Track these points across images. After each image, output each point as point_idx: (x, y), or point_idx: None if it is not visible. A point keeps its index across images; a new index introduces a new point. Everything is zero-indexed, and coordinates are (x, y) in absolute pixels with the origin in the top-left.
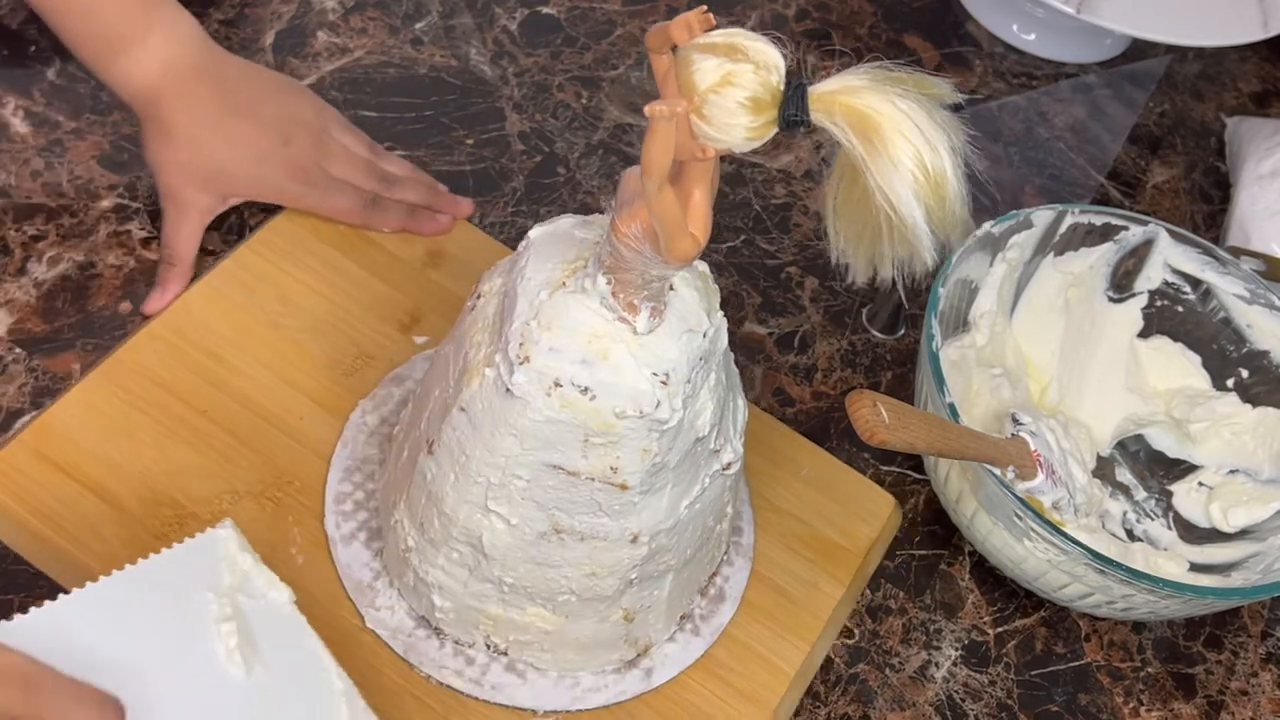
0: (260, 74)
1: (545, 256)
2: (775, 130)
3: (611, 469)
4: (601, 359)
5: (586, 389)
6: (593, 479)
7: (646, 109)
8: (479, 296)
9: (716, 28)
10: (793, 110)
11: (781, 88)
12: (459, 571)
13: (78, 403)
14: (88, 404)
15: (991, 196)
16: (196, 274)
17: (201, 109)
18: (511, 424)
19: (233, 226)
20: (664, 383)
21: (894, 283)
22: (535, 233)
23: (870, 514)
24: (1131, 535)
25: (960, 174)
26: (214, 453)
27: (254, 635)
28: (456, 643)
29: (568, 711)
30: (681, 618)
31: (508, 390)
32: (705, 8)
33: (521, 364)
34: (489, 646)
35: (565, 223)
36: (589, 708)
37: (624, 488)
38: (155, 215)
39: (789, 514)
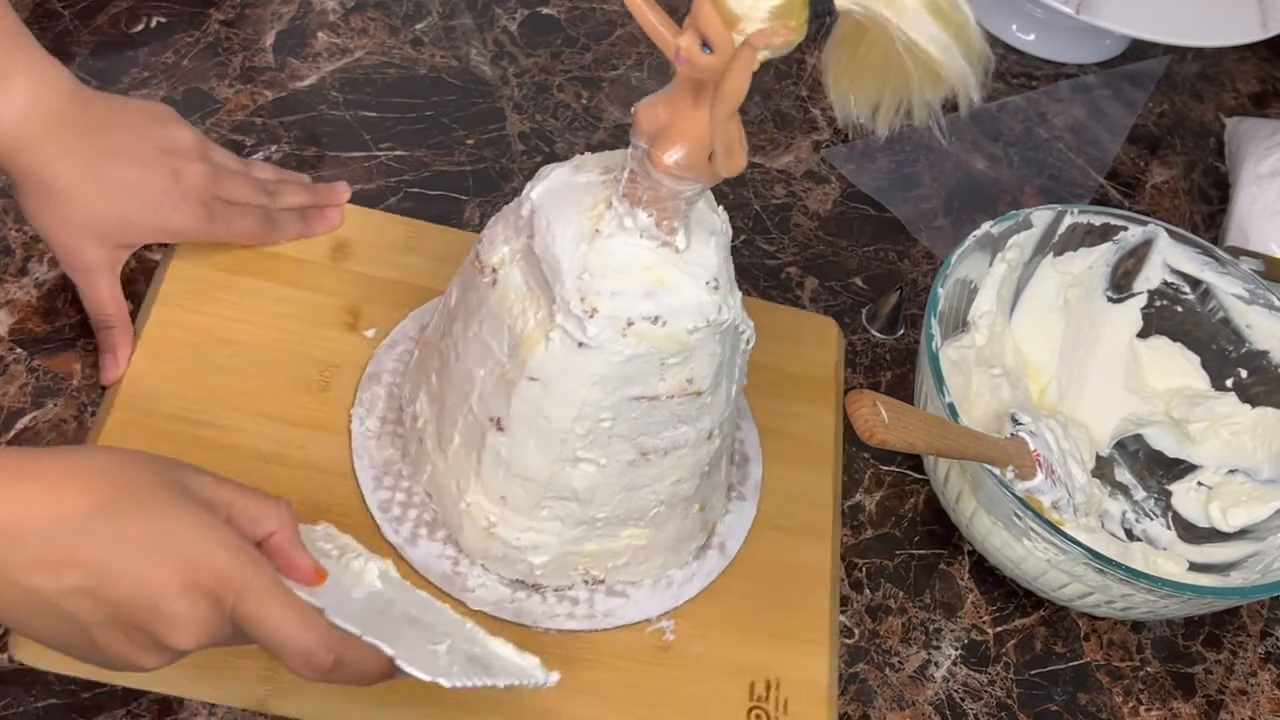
0: (129, 107)
1: (562, 211)
2: (805, 30)
3: (688, 381)
4: (660, 286)
5: (657, 318)
6: (672, 396)
7: (751, 40)
8: (493, 271)
9: None
10: (821, 2)
11: None
12: (552, 525)
13: None
14: None
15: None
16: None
17: (78, 157)
18: (591, 374)
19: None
20: (715, 287)
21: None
22: (536, 193)
23: (821, 340)
24: (1131, 535)
25: (972, 11)
26: None
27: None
28: (556, 590)
29: (675, 609)
30: (729, 489)
31: (580, 345)
32: None
33: (591, 317)
34: (587, 581)
35: (559, 174)
36: (689, 598)
37: (699, 394)
38: None
39: (758, 364)
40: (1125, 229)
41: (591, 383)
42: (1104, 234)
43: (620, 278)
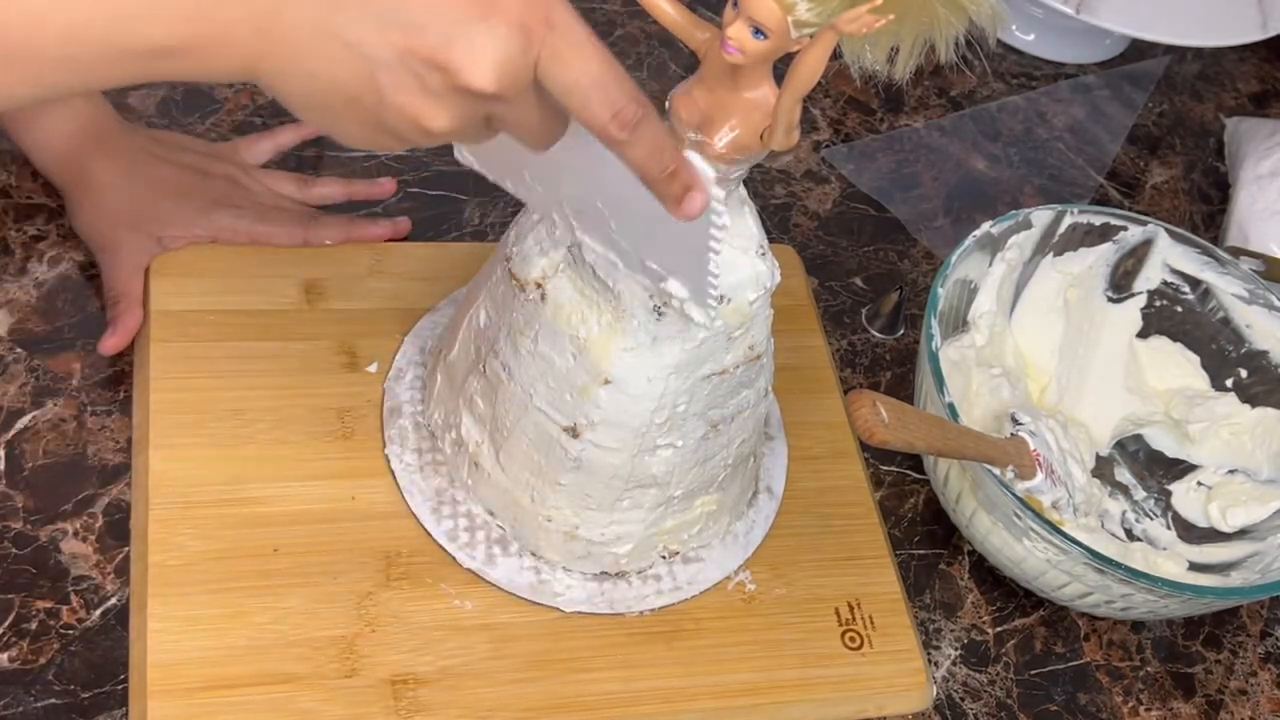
0: (173, 134)
1: None
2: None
3: (750, 348)
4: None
5: (722, 297)
6: (738, 366)
7: (837, 24)
8: (538, 286)
9: None
10: None
11: None
12: (634, 514)
13: (164, 626)
14: (173, 618)
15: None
16: (133, 439)
17: (120, 159)
18: (667, 365)
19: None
20: (763, 254)
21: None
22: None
23: (788, 267)
24: (1130, 535)
25: None
26: (317, 576)
27: None
28: (639, 572)
29: (748, 560)
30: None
31: (655, 340)
32: None
33: (663, 310)
34: (664, 556)
35: None
36: (758, 544)
37: (759, 357)
38: None
39: None
40: (1125, 229)
41: (668, 373)
42: (1104, 234)
43: None
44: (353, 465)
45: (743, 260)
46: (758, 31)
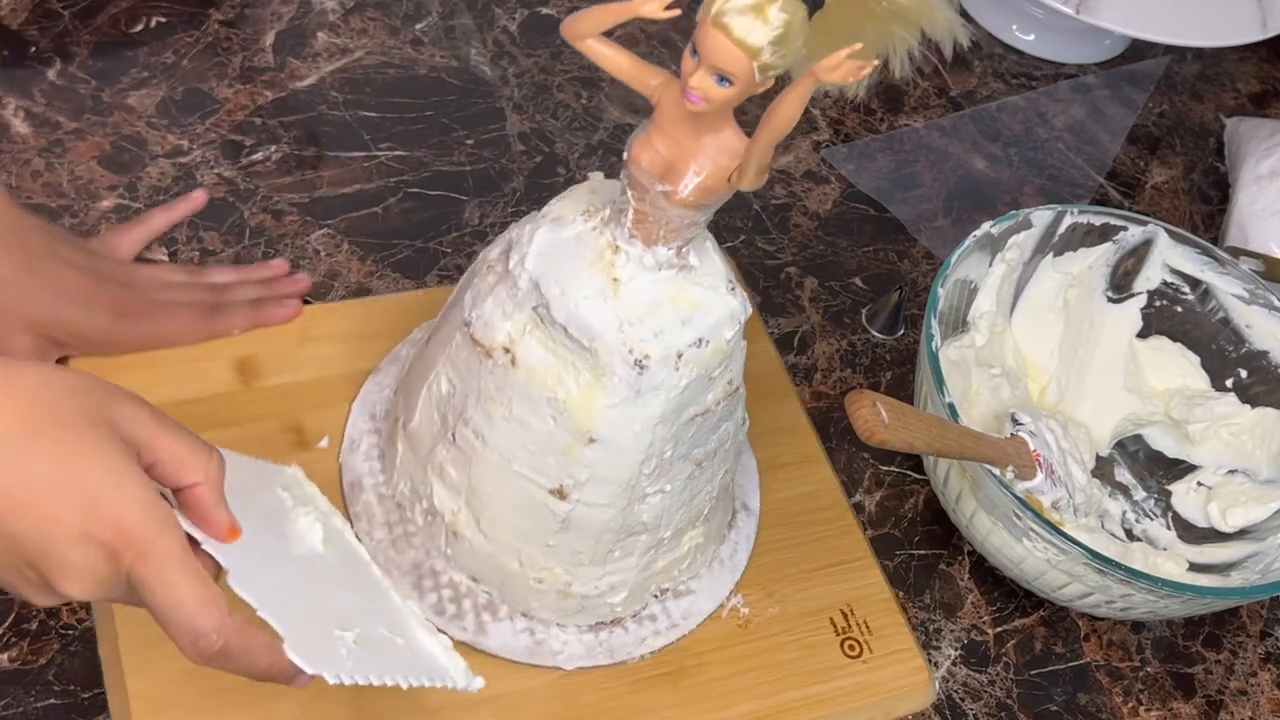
0: (56, 228)
1: (569, 270)
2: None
3: (729, 383)
4: (693, 309)
5: (700, 340)
6: (719, 403)
7: (817, 72)
8: (505, 351)
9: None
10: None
11: None
12: (628, 562)
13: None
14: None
15: None
16: None
17: (15, 251)
18: (652, 416)
19: None
20: (733, 289)
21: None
22: (531, 261)
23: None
24: (1130, 535)
25: None
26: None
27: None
28: (634, 617)
29: (737, 583)
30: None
31: (639, 394)
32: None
33: (644, 364)
34: (656, 596)
35: (541, 235)
36: (744, 569)
37: (737, 390)
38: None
39: None
40: (1125, 229)
41: (654, 423)
42: (1104, 234)
43: (657, 317)
44: None
45: (714, 299)
46: (722, 79)
